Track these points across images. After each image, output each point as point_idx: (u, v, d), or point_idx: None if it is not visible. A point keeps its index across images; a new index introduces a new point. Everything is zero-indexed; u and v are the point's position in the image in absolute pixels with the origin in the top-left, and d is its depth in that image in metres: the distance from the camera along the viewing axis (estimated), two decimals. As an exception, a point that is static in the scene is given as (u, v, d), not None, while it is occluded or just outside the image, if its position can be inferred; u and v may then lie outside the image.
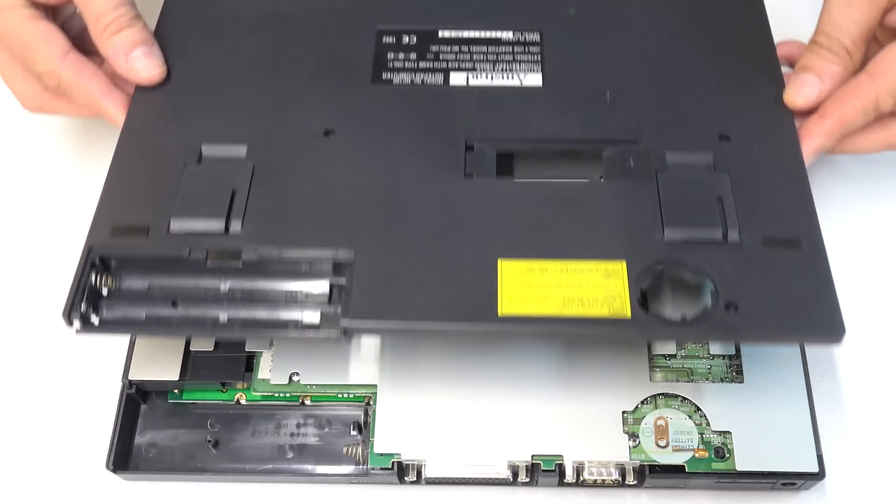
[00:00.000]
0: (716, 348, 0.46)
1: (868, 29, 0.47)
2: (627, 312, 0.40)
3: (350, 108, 0.47)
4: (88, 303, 0.42)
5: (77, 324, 0.41)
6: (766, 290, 0.40)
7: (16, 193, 0.56)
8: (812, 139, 0.46)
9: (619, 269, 0.41)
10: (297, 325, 0.42)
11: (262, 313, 0.42)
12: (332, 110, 0.47)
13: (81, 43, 0.50)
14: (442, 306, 0.40)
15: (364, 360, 0.46)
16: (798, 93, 0.47)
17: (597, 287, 0.40)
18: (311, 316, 0.42)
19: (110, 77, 0.49)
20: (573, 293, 0.40)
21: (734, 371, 0.46)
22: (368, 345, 0.47)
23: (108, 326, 0.42)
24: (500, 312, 0.40)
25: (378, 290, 0.41)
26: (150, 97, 0.48)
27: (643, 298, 0.40)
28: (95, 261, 0.42)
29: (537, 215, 0.43)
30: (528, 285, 0.40)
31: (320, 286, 0.42)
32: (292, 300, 0.42)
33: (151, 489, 0.47)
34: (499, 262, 0.41)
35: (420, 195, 0.44)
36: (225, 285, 0.43)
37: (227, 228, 0.43)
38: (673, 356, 0.46)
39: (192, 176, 0.44)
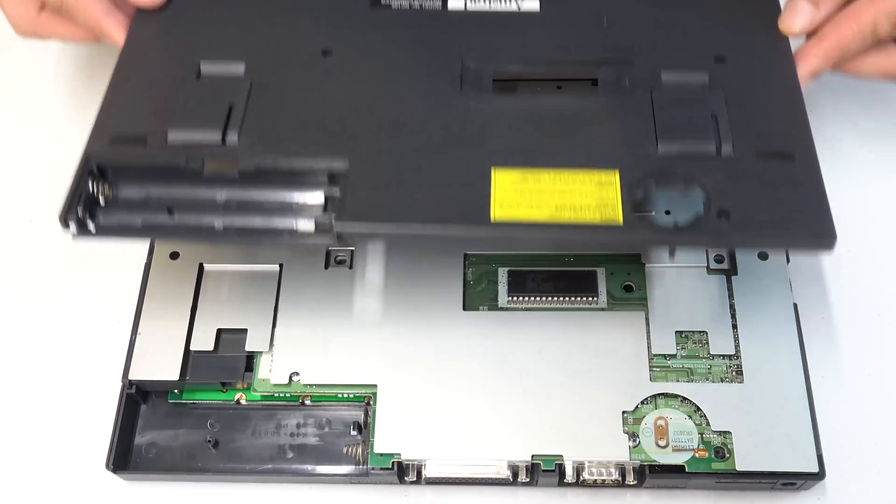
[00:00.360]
0: (716, 347, 0.46)
1: None
2: (619, 219, 0.40)
3: (348, 30, 0.48)
4: (85, 209, 0.42)
5: (73, 227, 0.41)
6: (759, 200, 0.40)
7: (16, 193, 0.56)
8: (808, 61, 0.46)
9: (612, 178, 0.41)
10: (293, 233, 0.42)
11: (257, 222, 0.42)
12: (330, 32, 0.48)
13: None
14: (435, 211, 0.40)
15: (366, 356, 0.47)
16: (792, 22, 0.47)
17: (589, 195, 0.41)
18: (306, 224, 0.42)
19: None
20: (565, 201, 0.40)
21: (734, 371, 0.46)
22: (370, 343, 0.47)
23: (104, 232, 0.42)
24: (492, 218, 0.40)
25: (372, 196, 0.41)
26: (151, 17, 0.49)
27: (636, 207, 0.41)
28: (93, 169, 0.43)
29: (532, 128, 0.43)
30: (521, 192, 0.41)
31: (315, 196, 0.43)
32: (287, 210, 0.43)
33: (151, 489, 0.47)
34: (492, 170, 0.41)
35: (415, 109, 0.44)
36: (221, 194, 0.43)
37: (223, 139, 0.43)
38: (673, 356, 0.46)
39: (191, 90, 0.45)
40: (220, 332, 0.48)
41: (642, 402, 0.45)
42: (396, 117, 0.44)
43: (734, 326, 0.47)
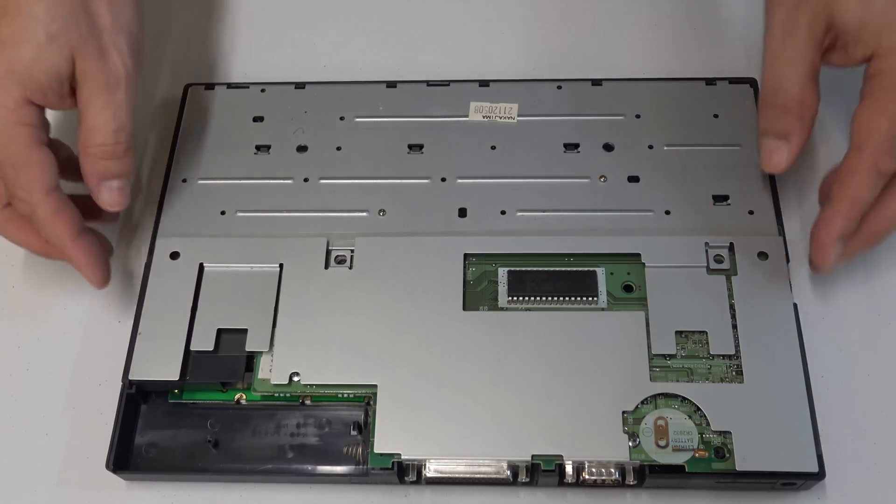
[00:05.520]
0: (716, 347, 0.46)
1: (811, 69, 0.45)
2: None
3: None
4: None
5: None
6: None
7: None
8: (830, 224, 0.45)
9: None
10: None
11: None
12: None
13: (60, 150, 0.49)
14: None
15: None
16: (770, 162, 0.47)
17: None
18: None
19: (80, 219, 0.47)
20: None
21: (734, 371, 0.46)
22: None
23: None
24: None
25: None
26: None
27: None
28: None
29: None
30: None
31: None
32: None
33: (151, 489, 0.47)
34: None
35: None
36: None
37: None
38: (673, 356, 0.46)
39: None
40: (220, 332, 0.48)
41: (642, 402, 0.45)
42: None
43: (734, 326, 0.47)
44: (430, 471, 0.44)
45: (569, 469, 0.44)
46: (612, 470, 0.44)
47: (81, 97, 0.46)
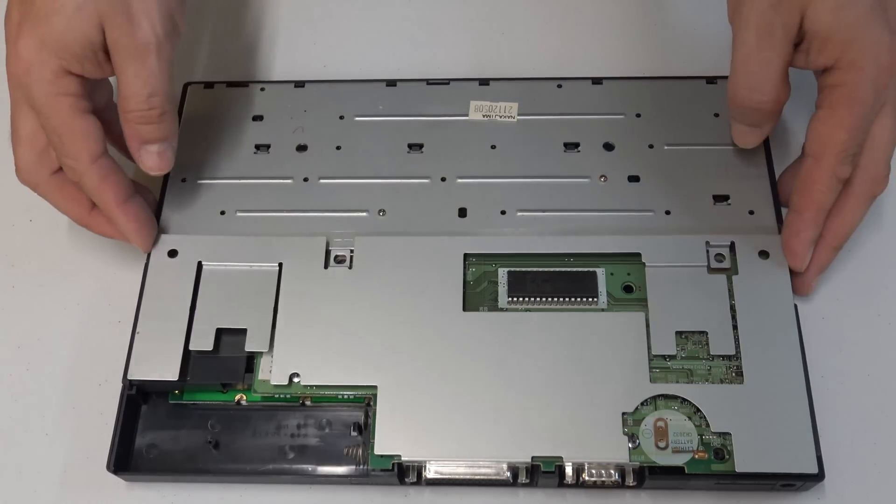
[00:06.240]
0: (716, 348, 0.46)
1: (785, 69, 0.45)
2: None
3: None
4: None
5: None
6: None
7: (16, 193, 0.56)
8: (801, 232, 0.46)
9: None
10: None
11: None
12: None
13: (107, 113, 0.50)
14: None
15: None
16: (741, 142, 0.49)
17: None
18: None
19: (128, 185, 0.48)
20: None
21: (734, 372, 0.46)
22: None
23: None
24: None
25: None
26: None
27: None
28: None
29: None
30: None
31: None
32: None
33: (152, 490, 0.47)
34: None
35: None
36: None
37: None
38: (673, 357, 0.46)
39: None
40: (219, 331, 0.48)
41: (642, 404, 0.45)
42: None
43: (734, 327, 0.47)
44: (431, 472, 0.44)
45: (568, 470, 0.44)
46: (612, 471, 0.44)
47: (115, 64, 0.46)
